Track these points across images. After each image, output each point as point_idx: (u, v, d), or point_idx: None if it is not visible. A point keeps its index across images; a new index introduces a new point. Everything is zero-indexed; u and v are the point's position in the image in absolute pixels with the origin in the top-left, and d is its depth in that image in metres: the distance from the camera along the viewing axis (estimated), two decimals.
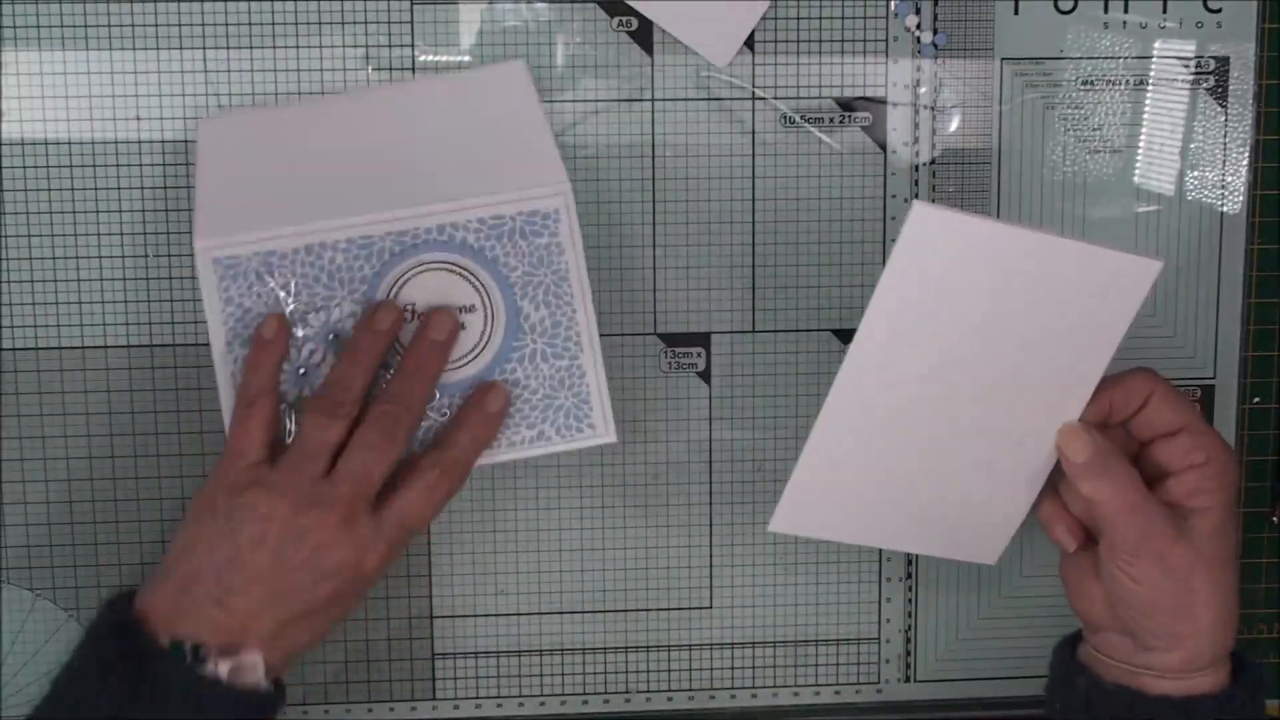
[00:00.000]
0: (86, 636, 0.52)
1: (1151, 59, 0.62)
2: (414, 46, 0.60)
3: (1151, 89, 0.63)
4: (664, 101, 0.61)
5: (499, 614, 0.64)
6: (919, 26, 0.61)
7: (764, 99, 0.61)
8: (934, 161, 0.62)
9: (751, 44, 0.61)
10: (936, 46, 0.61)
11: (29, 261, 0.60)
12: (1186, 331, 0.64)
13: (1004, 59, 0.62)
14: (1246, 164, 0.63)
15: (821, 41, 0.61)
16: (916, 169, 0.62)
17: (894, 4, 0.61)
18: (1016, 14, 0.61)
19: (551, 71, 0.60)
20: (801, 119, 0.61)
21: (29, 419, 0.61)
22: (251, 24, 0.59)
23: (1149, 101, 0.63)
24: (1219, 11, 0.62)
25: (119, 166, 0.59)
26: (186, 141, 0.59)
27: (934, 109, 0.62)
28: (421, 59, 0.60)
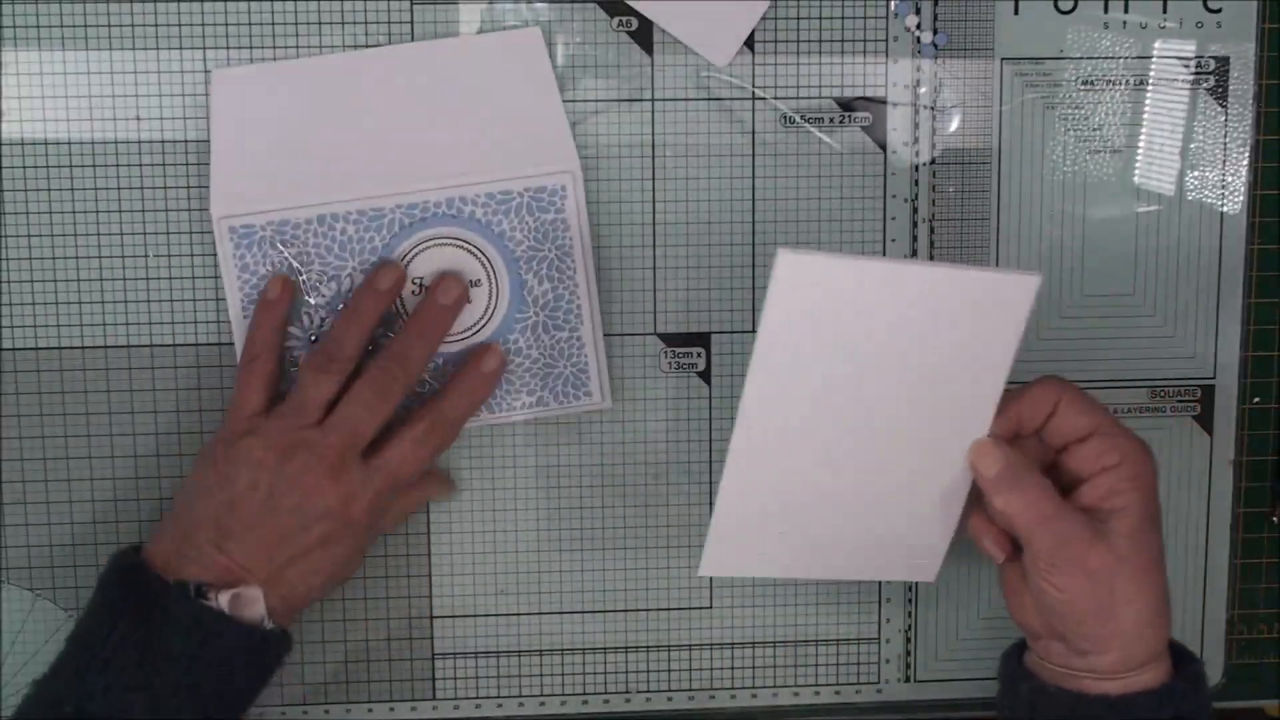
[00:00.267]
0: (98, 585, 0.55)
1: (1151, 59, 0.62)
2: None
3: (1151, 89, 0.63)
4: (664, 101, 0.61)
5: (499, 614, 0.64)
6: (919, 26, 0.61)
7: (764, 99, 0.61)
8: (934, 161, 0.62)
9: (751, 44, 0.61)
10: (936, 46, 0.61)
11: (29, 261, 0.60)
12: (1186, 331, 0.64)
13: (1004, 59, 0.62)
14: (1246, 164, 0.63)
15: (821, 41, 0.61)
16: (916, 169, 0.62)
17: (894, 4, 0.61)
18: (1016, 14, 0.61)
19: (552, 71, 0.60)
20: (801, 119, 0.61)
21: (29, 419, 0.61)
22: (251, 24, 0.59)
23: (1149, 101, 0.63)
24: (1219, 11, 0.62)
25: (119, 166, 0.59)
26: (186, 141, 0.59)
27: (934, 109, 0.62)
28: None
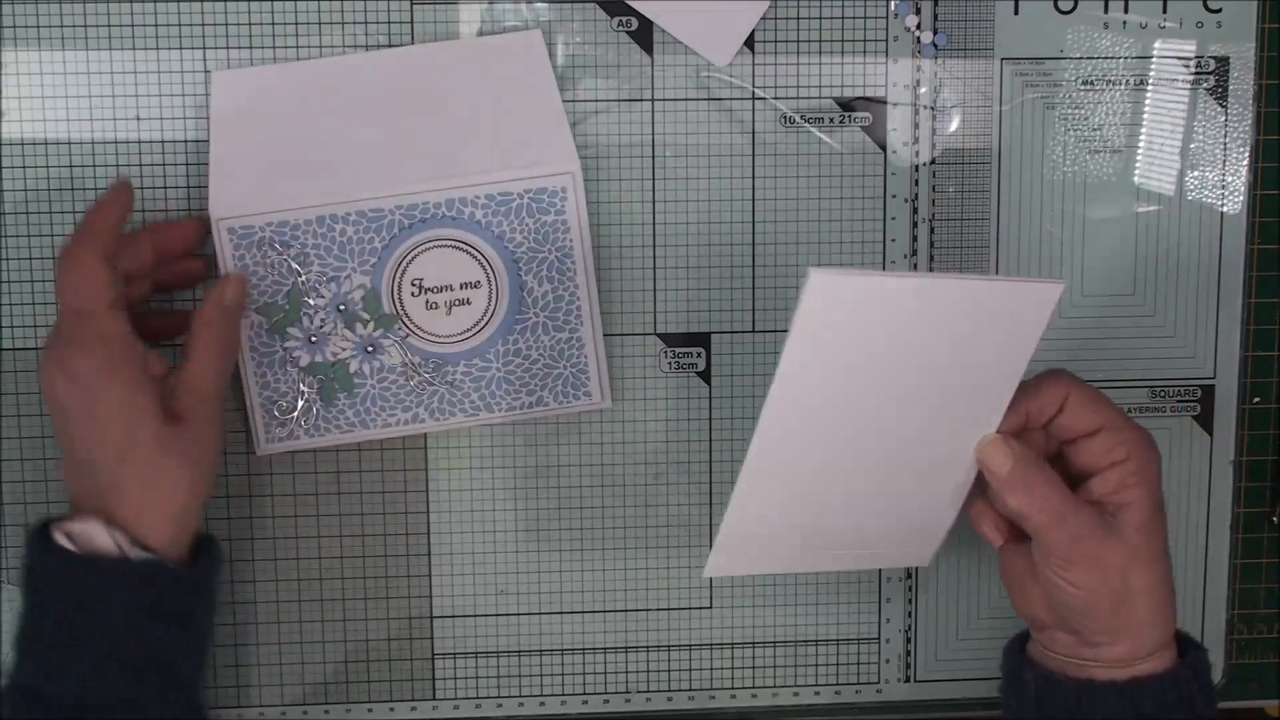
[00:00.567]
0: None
1: (1151, 59, 0.62)
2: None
3: (1151, 89, 0.63)
4: (664, 101, 0.61)
5: (499, 614, 0.64)
6: (919, 26, 0.61)
7: (764, 99, 0.61)
8: (934, 161, 0.62)
9: (751, 44, 0.61)
10: (936, 46, 0.61)
11: (29, 261, 0.60)
12: (1186, 331, 0.64)
13: (1004, 59, 0.62)
14: (1246, 164, 0.63)
15: (821, 41, 0.61)
16: (916, 169, 0.62)
17: (894, 4, 0.61)
18: (1016, 14, 0.61)
19: (552, 71, 0.60)
20: (801, 119, 0.61)
21: (29, 419, 0.61)
22: (251, 24, 0.59)
23: (1149, 101, 0.63)
24: (1219, 11, 0.62)
25: (119, 166, 0.59)
26: (186, 141, 0.59)
27: (934, 109, 0.62)
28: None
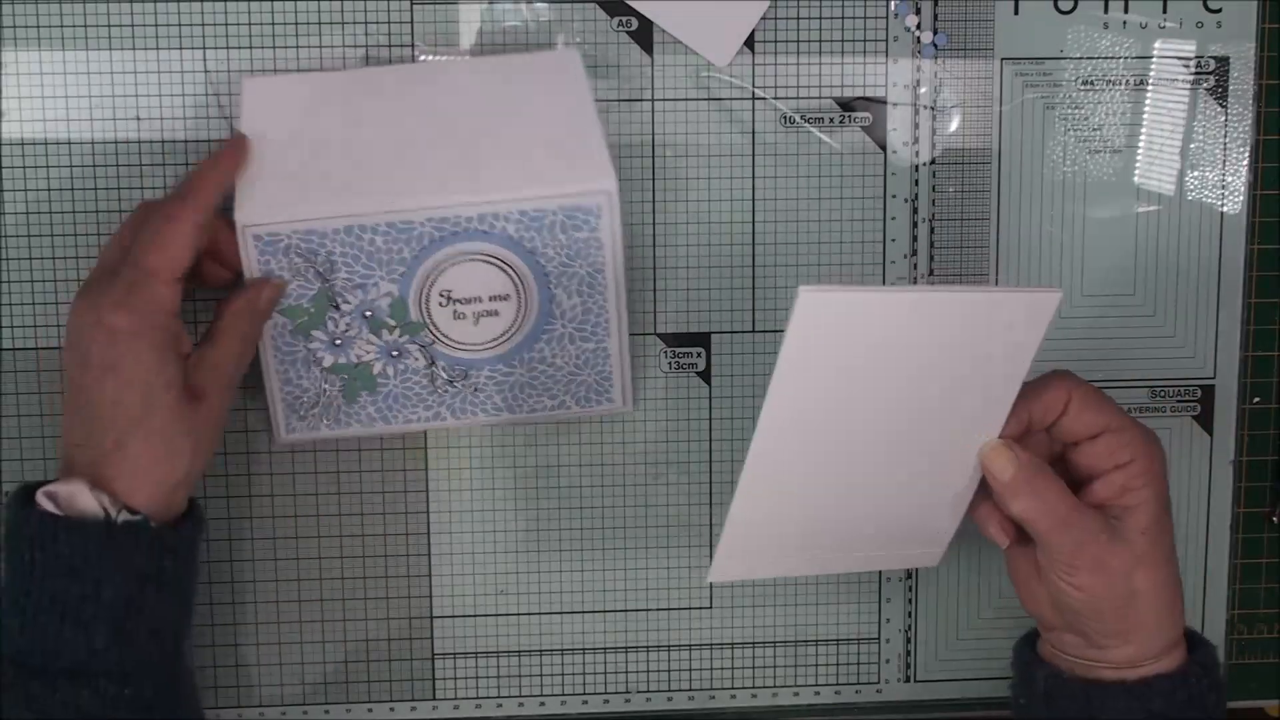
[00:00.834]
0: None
1: (1151, 59, 0.62)
2: (414, 47, 0.60)
3: (1151, 89, 0.63)
4: (664, 101, 0.61)
5: (499, 614, 0.64)
6: (919, 26, 0.61)
7: (764, 99, 0.61)
8: (934, 161, 0.62)
9: (751, 44, 0.61)
10: (936, 46, 0.61)
11: (29, 261, 0.60)
12: (1186, 331, 0.64)
13: (1004, 59, 0.62)
14: (1246, 164, 0.63)
15: (821, 41, 0.61)
16: (916, 169, 0.62)
17: (894, 4, 0.61)
18: (1016, 14, 0.61)
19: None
20: (801, 119, 0.61)
21: (29, 419, 0.61)
22: (251, 24, 0.59)
23: (1149, 101, 0.63)
24: (1219, 11, 0.62)
25: (119, 166, 0.59)
26: (186, 141, 0.59)
27: (934, 109, 0.62)
28: (421, 59, 0.60)
